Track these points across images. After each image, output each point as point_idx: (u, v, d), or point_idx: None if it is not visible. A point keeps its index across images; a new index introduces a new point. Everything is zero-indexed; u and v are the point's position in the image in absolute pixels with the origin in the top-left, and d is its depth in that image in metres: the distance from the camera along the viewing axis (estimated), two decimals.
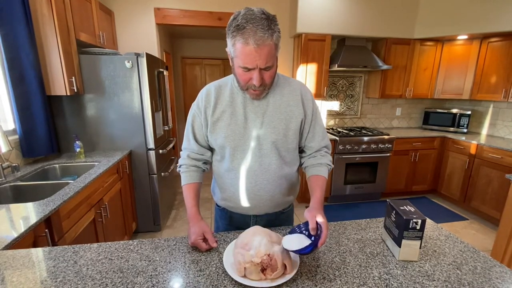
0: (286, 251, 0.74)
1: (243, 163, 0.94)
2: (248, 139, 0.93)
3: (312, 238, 0.75)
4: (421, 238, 0.77)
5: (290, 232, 0.81)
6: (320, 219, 0.76)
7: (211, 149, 1.02)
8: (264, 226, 1.02)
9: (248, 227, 1.03)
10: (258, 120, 0.92)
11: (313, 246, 0.71)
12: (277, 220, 1.05)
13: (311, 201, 0.89)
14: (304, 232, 0.79)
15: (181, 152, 1.05)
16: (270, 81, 0.87)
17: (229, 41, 0.80)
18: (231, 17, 0.79)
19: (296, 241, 0.75)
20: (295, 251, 0.71)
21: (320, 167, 0.98)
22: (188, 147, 1.01)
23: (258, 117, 0.92)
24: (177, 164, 1.04)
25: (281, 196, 1.00)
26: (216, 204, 1.12)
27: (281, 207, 1.05)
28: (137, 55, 2.15)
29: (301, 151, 1.03)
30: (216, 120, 0.94)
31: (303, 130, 0.98)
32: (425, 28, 3.14)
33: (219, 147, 0.95)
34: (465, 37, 3.07)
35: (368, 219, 1.05)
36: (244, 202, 0.99)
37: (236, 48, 0.78)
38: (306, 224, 0.79)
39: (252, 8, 0.78)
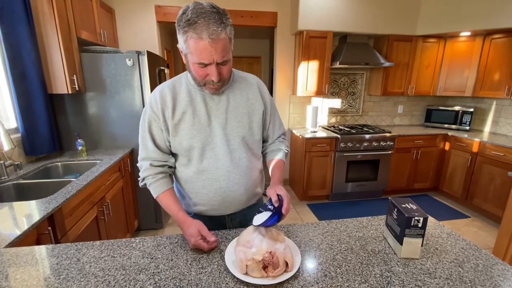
0: (287, 248, 0.74)
1: (214, 162, 0.92)
2: (215, 136, 0.91)
3: (275, 210, 0.81)
4: (423, 236, 0.77)
5: (258, 212, 0.85)
6: (280, 191, 0.83)
7: (174, 155, 0.97)
8: (240, 224, 1.03)
9: (224, 228, 1.01)
10: (222, 116, 0.91)
11: (278, 215, 0.78)
12: (251, 214, 1.00)
13: (272, 180, 0.97)
14: (270, 208, 0.83)
15: (138, 164, 0.95)
16: (228, 76, 0.86)
17: (180, 37, 0.78)
18: (180, 12, 0.76)
19: (263, 217, 0.80)
20: (261, 224, 0.77)
21: (279, 152, 1.06)
22: (147, 156, 0.93)
23: (222, 113, 0.92)
24: (139, 179, 0.95)
25: (254, 187, 1.02)
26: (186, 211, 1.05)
27: (253, 200, 1.05)
28: (138, 53, 2.14)
29: (262, 140, 1.07)
30: (178, 122, 0.89)
31: (264, 122, 1.02)
32: (428, 24, 3.12)
33: (186, 150, 0.91)
34: (468, 33, 3.04)
35: (369, 217, 1.05)
36: (219, 202, 0.96)
37: (189, 44, 0.76)
38: (270, 200, 0.85)
39: (201, 2, 0.76)
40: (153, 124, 0.91)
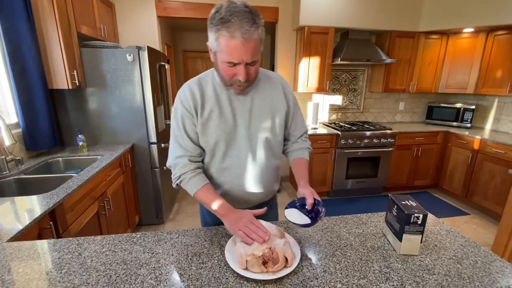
0: (287, 244, 0.74)
1: (236, 160, 0.95)
2: (238, 136, 0.93)
3: (312, 214, 0.84)
4: (422, 232, 0.77)
5: (290, 206, 0.88)
6: (317, 197, 0.85)
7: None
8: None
9: None
10: (246, 116, 0.92)
11: (315, 221, 0.82)
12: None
13: (303, 180, 0.95)
14: (305, 207, 0.86)
15: (172, 163, 0.93)
16: (254, 76, 0.85)
17: (211, 35, 0.77)
18: (213, 10, 0.76)
19: (297, 215, 0.84)
20: (301, 225, 0.81)
21: (303, 151, 1.05)
22: (185, 153, 0.92)
23: (246, 114, 0.92)
24: (173, 178, 0.93)
25: (271, 186, 1.04)
26: (203, 208, 1.08)
27: (269, 196, 1.08)
28: (139, 48, 2.13)
29: (284, 139, 1.07)
30: (206, 121, 0.90)
31: (287, 121, 1.02)
32: (430, 20, 3.09)
33: (211, 149, 0.93)
34: (471, 30, 3.01)
35: (369, 214, 1.05)
36: (238, 198, 0.98)
37: (220, 42, 0.75)
38: (302, 199, 0.87)
39: (235, 0, 0.76)
40: (187, 121, 0.91)
